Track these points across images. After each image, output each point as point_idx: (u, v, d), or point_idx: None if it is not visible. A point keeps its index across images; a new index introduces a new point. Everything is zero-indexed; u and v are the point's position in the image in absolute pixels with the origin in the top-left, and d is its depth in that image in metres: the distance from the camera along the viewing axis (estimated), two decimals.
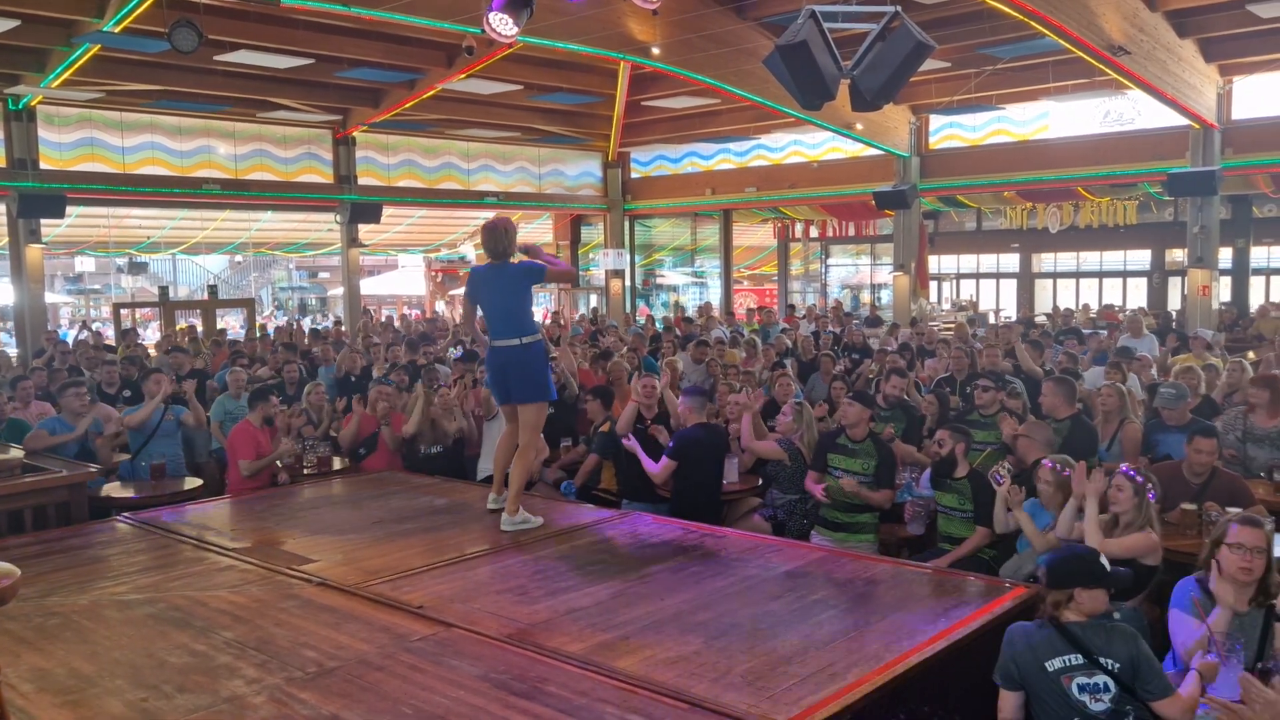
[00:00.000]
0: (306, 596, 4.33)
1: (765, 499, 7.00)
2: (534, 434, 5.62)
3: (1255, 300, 20.29)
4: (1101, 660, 3.42)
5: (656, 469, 6.44)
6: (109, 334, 19.30)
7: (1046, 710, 3.45)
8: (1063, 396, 6.72)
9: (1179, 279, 21.14)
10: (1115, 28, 12.94)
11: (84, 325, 21.87)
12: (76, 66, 14.16)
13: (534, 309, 5.52)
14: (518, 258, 5.49)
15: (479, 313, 5.67)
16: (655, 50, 15.58)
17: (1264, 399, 6.64)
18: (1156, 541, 4.59)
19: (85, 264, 29.03)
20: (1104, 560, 3.63)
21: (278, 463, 7.09)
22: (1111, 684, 3.40)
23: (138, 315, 21.79)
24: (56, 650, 3.76)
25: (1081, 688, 3.40)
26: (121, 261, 27.11)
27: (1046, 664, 3.43)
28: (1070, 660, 3.43)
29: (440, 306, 30.91)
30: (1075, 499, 4.82)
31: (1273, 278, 22.33)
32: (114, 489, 7.08)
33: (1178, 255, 21.69)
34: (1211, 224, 16.21)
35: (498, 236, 5.35)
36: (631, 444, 6.58)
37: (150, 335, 19.30)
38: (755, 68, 12.64)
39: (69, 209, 16.47)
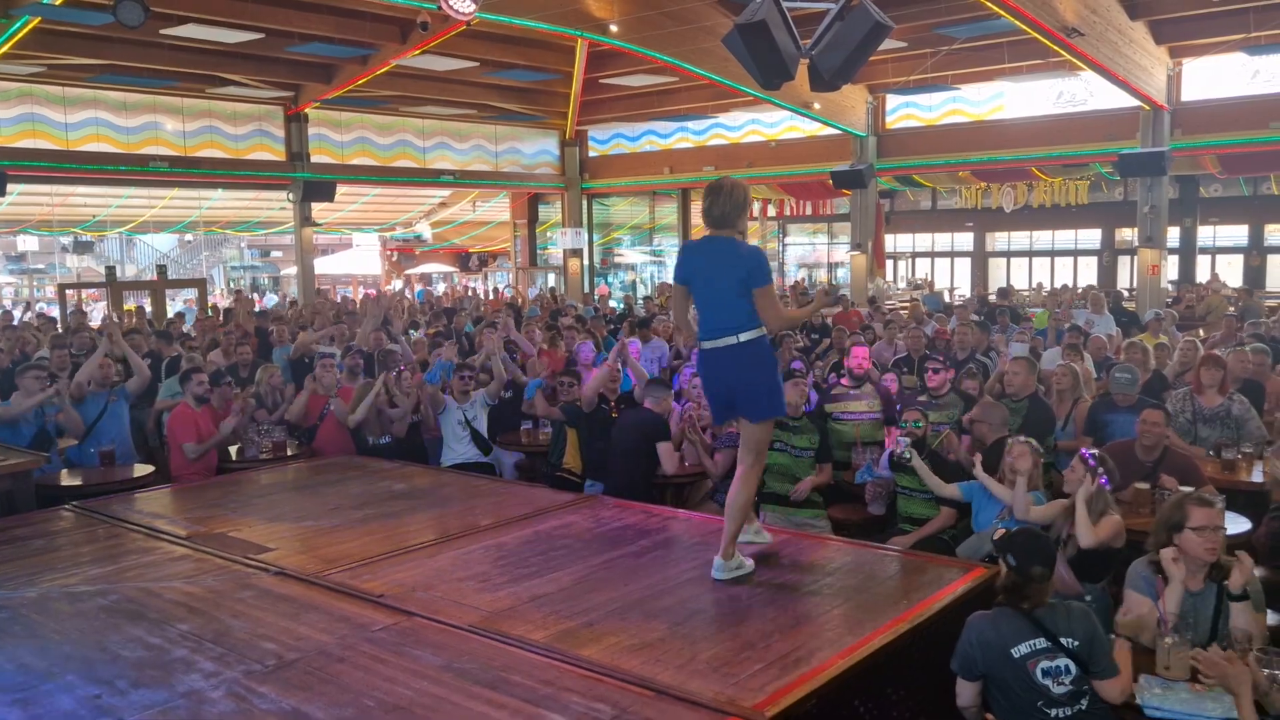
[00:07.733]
0: (264, 586, 4.26)
1: (721, 484, 7.03)
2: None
3: (1201, 279, 20.73)
4: (1064, 641, 3.45)
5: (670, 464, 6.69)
6: (54, 315, 18.81)
7: (1010, 696, 3.47)
8: (1032, 376, 6.92)
9: (1128, 258, 21.52)
10: (1069, 9, 13.05)
11: (27, 306, 21.34)
12: (16, 39, 13.68)
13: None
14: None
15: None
16: (613, 27, 15.45)
17: (1215, 379, 6.79)
18: (1121, 524, 4.66)
19: (28, 243, 28.25)
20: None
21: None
22: (1072, 665, 3.43)
23: (84, 295, 21.29)
24: (4, 645, 3.66)
25: (1045, 672, 3.42)
26: (66, 241, 26.43)
27: (1013, 650, 3.44)
28: (1036, 645, 3.45)
29: (397, 284, 30.56)
30: (1009, 474, 4.98)
31: (1218, 256, 22.82)
32: (62, 476, 6.90)
33: (1127, 234, 22.09)
34: (1161, 204, 16.49)
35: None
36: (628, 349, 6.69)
37: (96, 316, 18.84)
38: (714, 46, 12.56)
39: (10, 187, 15.98)
